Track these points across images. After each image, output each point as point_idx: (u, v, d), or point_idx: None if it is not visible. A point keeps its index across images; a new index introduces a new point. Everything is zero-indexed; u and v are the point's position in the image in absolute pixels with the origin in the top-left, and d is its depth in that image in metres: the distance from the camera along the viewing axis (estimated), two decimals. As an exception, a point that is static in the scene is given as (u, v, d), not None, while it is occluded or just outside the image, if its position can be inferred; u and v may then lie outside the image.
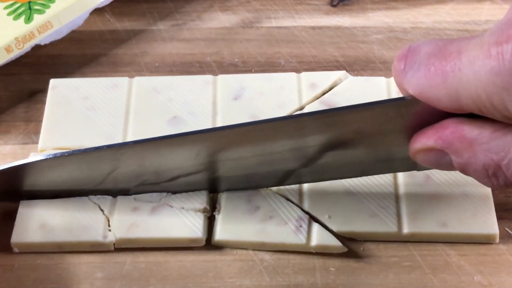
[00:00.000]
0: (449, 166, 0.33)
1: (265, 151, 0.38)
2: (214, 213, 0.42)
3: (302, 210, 0.41)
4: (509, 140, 0.30)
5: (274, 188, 0.42)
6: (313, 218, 0.41)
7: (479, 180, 0.33)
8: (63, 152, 0.39)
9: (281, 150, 0.38)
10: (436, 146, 0.33)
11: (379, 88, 0.47)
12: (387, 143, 0.36)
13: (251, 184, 0.42)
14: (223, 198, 0.42)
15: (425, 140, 0.33)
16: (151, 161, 0.40)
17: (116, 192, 0.42)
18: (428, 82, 0.31)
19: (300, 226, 0.41)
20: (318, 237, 0.40)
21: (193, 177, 0.41)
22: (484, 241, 0.41)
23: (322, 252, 0.41)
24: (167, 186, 0.42)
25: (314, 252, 0.41)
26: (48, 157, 0.40)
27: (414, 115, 0.33)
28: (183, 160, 0.39)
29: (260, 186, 0.42)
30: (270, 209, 0.41)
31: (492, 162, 0.31)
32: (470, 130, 0.31)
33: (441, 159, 0.33)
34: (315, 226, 0.41)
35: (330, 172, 0.41)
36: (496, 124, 0.31)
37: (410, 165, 0.38)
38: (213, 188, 0.43)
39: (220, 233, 0.41)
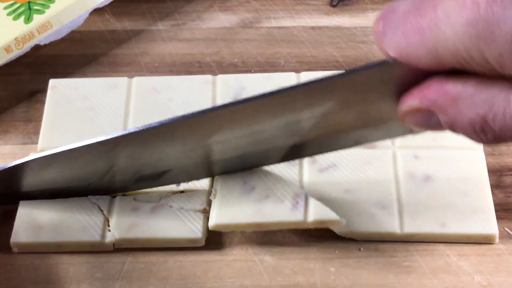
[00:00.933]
0: (438, 126, 0.32)
1: (254, 130, 0.37)
2: (210, 197, 0.42)
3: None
4: (494, 93, 0.29)
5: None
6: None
7: (469, 138, 0.32)
8: (55, 150, 0.39)
9: (270, 127, 0.37)
10: (422, 106, 0.32)
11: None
12: (376, 109, 0.36)
13: (246, 165, 0.41)
14: (218, 181, 0.42)
15: (411, 101, 0.32)
16: (141, 153, 0.39)
17: (114, 189, 0.42)
18: (406, 41, 0.30)
19: (297, 203, 0.40)
20: (315, 212, 0.40)
21: (186, 165, 0.40)
22: (483, 241, 0.41)
23: (321, 251, 0.41)
24: (165, 180, 0.42)
25: (312, 228, 0.40)
26: (38, 157, 0.39)
27: (399, 78, 0.33)
28: (173, 149, 0.39)
29: (254, 166, 0.41)
30: (265, 189, 0.41)
31: (478, 117, 0.30)
32: (453, 86, 0.30)
33: (429, 120, 0.32)
34: (312, 202, 0.40)
35: (323, 145, 0.40)
36: (479, 77, 0.30)
37: (405, 130, 0.37)
38: (209, 173, 0.42)
39: (216, 218, 0.40)
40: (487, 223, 0.41)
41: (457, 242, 0.41)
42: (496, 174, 0.44)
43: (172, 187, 0.43)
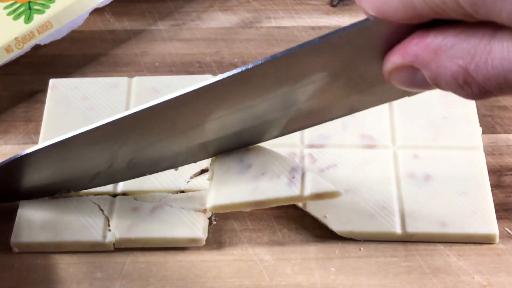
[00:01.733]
0: (424, 84, 0.32)
1: (243, 105, 0.37)
2: (207, 179, 0.41)
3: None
4: (474, 43, 0.29)
5: None
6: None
7: (455, 93, 0.31)
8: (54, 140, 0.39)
9: (261, 101, 0.37)
10: (405, 62, 0.31)
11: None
12: (363, 73, 0.35)
13: (242, 143, 0.41)
14: (215, 162, 0.41)
15: (394, 58, 0.32)
16: (135, 136, 0.39)
17: (110, 179, 0.42)
18: None
19: (293, 178, 0.39)
20: (312, 186, 0.39)
21: (182, 147, 0.40)
22: (483, 241, 0.41)
23: (322, 251, 0.41)
24: (161, 165, 0.41)
25: (309, 201, 0.39)
26: (31, 151, 0.39)
27: (381, 38, 0.32)
28: (167, 130, 0.38)
29: (251, 143, 0.41)
30: (262, 165, 0.40)
31: (460, 69, 0.29)
32: (434, 38, 0.30)
33: (414, 77, 0.32)
34: (309, 176, 0.39)
35: (318, 115, 0.39)
36: (459, 27, 0.29)
37: (399, 93, 0.36)
38: (205, 153, 0.41)
39: (214, 199, 0.40)
40: (487, 223, 0.41)
41: (457, 242, 0.41)
42: (496, 174, 0.44)
43: (172, 187, 0.43)
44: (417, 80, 0.31)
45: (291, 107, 0.38)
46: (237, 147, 0.41)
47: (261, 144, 0.41)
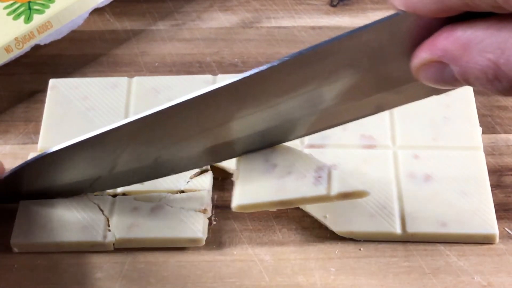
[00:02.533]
0: (453, 80, 0.31)
1: (270, 104, 0.36)
2: (232, 179, 0.41)
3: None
4: (505, 36, 0.28)
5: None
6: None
7: (485, 88, 0.30)
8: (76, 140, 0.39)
9: (287, 99, 0.36)
10: (433, 57, 0.31)
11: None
12: (391, 70, 0.34)
13: (267, 142, 0.40)
14: (240, 162, 0.41)
15: (422, 53, 0.31)
16: (158, 135, 0.38)
17: (130, 175, 0.41)
18: None
19: (320, 177, 0.39)
20: (339, 185, 0.38)
21: (206, 147, 0.40)
22: (483, 241, 0.41)
23: (322, 251, 0.41)
24: (186, 165, 0.41)
25: (336, 201, 0.38)
26: (48, 152, 0.39)
27: (410, 33, 0.32)
28: (190, 129, 0.38)
29: (276, 143, 0.40)
30: (287, 165, 0.40)
31: (490, 63, 0.28)
32: (463, 32, 0.29)
33: (443, 72, 0.31)
34: (336, 175, 0.39)
35: (344, 114, 0.38)
36: (489, 20, 0.29)
37: (426, 91, 0.36)
38: (230, 153, 0.41)
39: (239, 198, 0.39)
40: (487, 223, 0.41)
41: (457, 242, 0.41)
42: (496, 174, 0.44)
43: (172, 187, 0.43)
44: (445, 76, 0.31)
45: (317, 105, 0.37)
46: (263, 146, 0.40)
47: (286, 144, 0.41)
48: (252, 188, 0.39)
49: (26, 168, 0.40)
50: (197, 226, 0.41)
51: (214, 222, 0.43)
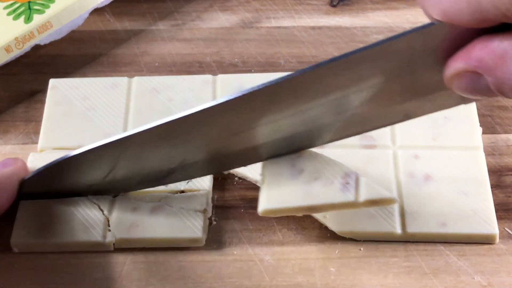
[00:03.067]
0: (487, 90, 0.31)
1: (298, 109, 0.36)
2: (257, 183, 0.41)
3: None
4: None
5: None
6: None
7: None
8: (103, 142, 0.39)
9: (316, 105, 0.36)
10: (468, 68, 0.31)
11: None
12: (422, 78, 0.34)
13: (293, 147, 0.40)
14: (266, 166, 0.41)
15: (456, 63, 0.31)
16: (187, 138, 0.38)
17: (151, 176, 0.42)
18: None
19: (347, 184, 0.38)
20: (367, 192, 0.38)
21: (234, 150, 0.40)
22: (483, 241, 0.41)
23: (322, 251, 0.41)
24: (216, 166, 0.41)
25: (363, 207, 0.38)
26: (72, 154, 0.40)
27: (444, 42, 0.32)
28: (218, 133, 0.38)
29: (302, 148, 0.40)
30: (314, 170, 0.39)
31: None
32: (499, 43, 0.29)
33: (477, 83, 0.31)
34: (363, 181, 0.39)
35: (372, 121, 0.38)
36: None
37: (456, 100, 0.36)
38: (256, 157, 0.41)
39: (266, 203, 0.39)
40: (487, 223, 0.41)
41: (457, 242, 0.41)
42: (496, 174, 0.44)
43: (172, 187, 0.43)
44: (479, 86, 0.31)
45: (346, 112, 0.37)
46: (289, 151, 0.40)
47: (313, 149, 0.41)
48: (278, 192, 0.39)
49: (53, 168, 0.41)
50: (197, 226, 0.41)
51: (214, 222, 0.43)
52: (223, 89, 0.48)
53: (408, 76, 0.34)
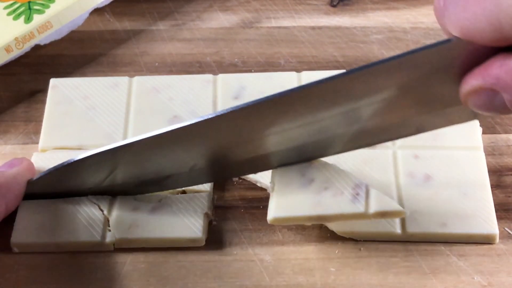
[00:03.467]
0: (503, 108, 0.31)
1: (312, 119, 0.37)
2: (268, 191, 0.41)
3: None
4: None
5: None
6: None
7: None
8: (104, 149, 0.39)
9: (329, 115, 0.36)
10: (485, 85, 0.31)
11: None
12: (437, 93, 0.34)
13: (304, 156, 0.40)
14: (276, 174, 0.41)
15: (473, 80, 0.31)
16: (200, 142, 0.39)
17: (156, 181, 0.42)
18: (467, 16, 0.29)
19: (357, 194, 0.39)
20: (377, 203, 0.38)
21: (244, 157, 0.40)
22: (484, 241, 0.41)
23: (322, 251, 0.41)
24: (228, 171, 0.42)
25: (373, 219, 0.39)
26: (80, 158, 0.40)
27: (461, 58, 0.32)
28: (230, 139, 0.38)
29: (313, 158, 0.41)
30: (324, 180, 0.40)
31: None
32: None
33: (493, 100, 0.31)
34: (373, 193, 0.39)
35: (384, 133, 0.38)
36: None
37: (468, 115, 0.36)
38: (267, 165, 0.41)
39: (275, 211, 0.39)
40: (487, 223, 0.41)
41: (458, 242, 0.41)
42: (496, 174, 0.44)
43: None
44: (495, 103, 0.31)
45: (358, 123, 0.37)
46: (300, 160, 0.40)
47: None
48: (288, 201, 0.39)
49: (58, 171, 0.41)
50: (197, 226, 0.41)
51: (214, 222, 0.43)
52: (223, 89, 0.48)
53: (422, 90, 0.34)
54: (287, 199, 0.39)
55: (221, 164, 0.41)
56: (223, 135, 0.38)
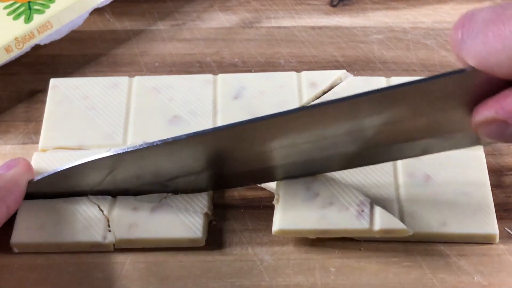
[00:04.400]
0: None
1: (320, 136, 0.37)
2: (273, 202, 0.41)
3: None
4: None
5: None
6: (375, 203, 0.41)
7: None
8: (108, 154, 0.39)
9: (337, 134, 0.37)
10: (498, 117, 0.32)
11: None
12: (447, 118, 0.35)
13: (308, 171, 0.41)
14: (281, 187, 0.41)
15: (487, 111, 0.32)
16: (211, 151, 0.39)
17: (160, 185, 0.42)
18: (487, 49, 0.30)
19: (362, 211, 0.40)
20: (382, 221, 0.39)
21: (248, 168, 0.40)
22: (484, 241, 0.41)
23: (322, 251, 0.41)
24: (228, 180, 0.42)
25: (378, 237, 0.40)
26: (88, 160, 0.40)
27: (475, 87, 0.32)
28: (240, 150, 0.39)
29: (318, 172, 0.41)
30: (330, 195, 0.40)
31: None
32: None
33: (505, 131, 0.32)
34: (378, 210, 0.40)
35: (390, 153, 0.40)
36: None
37: (473, 140, 0.37)
38: (271, 177, 0.42)
39: (280, 223, 0.40)
40: (487, 223, 0.41)
41: (458, 242, 0.41)
42: (496, 174, 0.44)
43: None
44: (507, 134, 0.32)
45: (367, 143, 0.38)
46: (305, 174, 0.41)
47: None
48: (293, 214, 0.40)
49: (60, 174, 0.41)
50: (197, 227, 0.41)
51: (214, 222, 0.43)
52: (223, 89, 0.48)
53: (433, 115, 0.35)
54: (292, 211, 0.40)
55: (225, 174, 0.41)
56: (231, 147, 0.39)
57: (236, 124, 0.37)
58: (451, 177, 0.43)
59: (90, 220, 0.42)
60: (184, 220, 0.41)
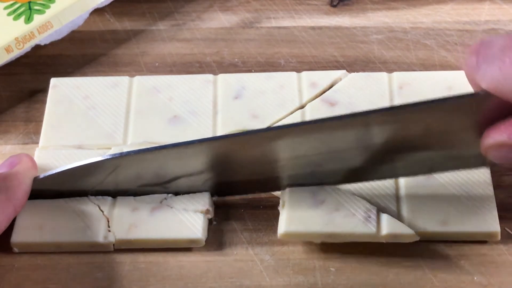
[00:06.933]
0: None
1: (330, 149, 0.38)
2: (278, 208, 0.41)
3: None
4: None
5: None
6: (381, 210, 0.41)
7: None
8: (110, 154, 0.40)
9: (346, 148, 0.37)
10: (509, 142, 0.32)
11: (380, 84, 0.47)
12: (457, 139, 0.36)
13: (314, 181, 0.41)
14: (286, 193, 0.41)
15: (498, 135, 0.33)
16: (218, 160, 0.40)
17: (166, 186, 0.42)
18: (503, 76, 0.30)
19: (369, 217, 0.40)
20: (389, 226, 0.40)
21: (260, 177, 0.41)
22: (485, 239, 0.41)
23: (322, 251, 0.41)
24: (235, 190, 0.43)
25: (385, 242, 0.40)
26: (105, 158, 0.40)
27: (487, 110, 0.33)
28: (249, 159, 0.39)
29: (323, 183, 0.41)
30: (335, 203, 0.41)
31: None
32: None
33: None
34: (384, 216, 0.40)
35: (396, 170, 0.40)
36: None
37: (481, 162, 0.38)
38: (276, 186, 0.42)
39: (286, 226, 0.40)
40: (488, 222, 0.41)
41: (458, 242, 0.41)
42: (496, 174, 0.44)
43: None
44: None
45: (373, 158, 0.39)
46: (311, 184, 0.41)
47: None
48: (299, 217, 0.40)
49: (64, 173, 0.41)
50: (197, 227, 0.41)
51: (214, 222, 0.43)
52: (223, 89, 0.48)
53: (442, 135, 0.36)
54: (299, 215, 0.40)
55: (229, 182, 0.42)
56: (237, 155, 0.39)
57: (244, 133, 0.38)
58: (452, 176, 0.43)
59: (90, 220, 0.42)
60: (184, 221, 0.41)
